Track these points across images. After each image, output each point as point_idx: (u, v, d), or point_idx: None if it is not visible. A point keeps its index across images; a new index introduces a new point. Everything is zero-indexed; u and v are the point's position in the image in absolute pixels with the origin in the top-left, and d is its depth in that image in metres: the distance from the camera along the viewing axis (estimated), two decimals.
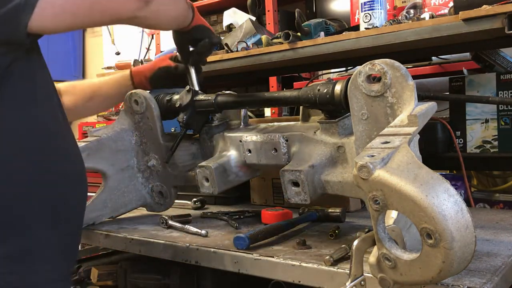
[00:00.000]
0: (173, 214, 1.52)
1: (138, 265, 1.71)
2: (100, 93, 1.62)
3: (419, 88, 1.04)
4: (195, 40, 1.47)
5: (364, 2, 1.54)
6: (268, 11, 3.15)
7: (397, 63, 1.01)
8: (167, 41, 4.40)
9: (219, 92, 1.46)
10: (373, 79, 1.05)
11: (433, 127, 1.58)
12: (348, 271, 0.87)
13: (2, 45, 0.99)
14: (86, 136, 1.55)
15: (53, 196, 1.08)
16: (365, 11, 1.54)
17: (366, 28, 1.52)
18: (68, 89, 1.60)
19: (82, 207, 1.19)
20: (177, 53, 1.57)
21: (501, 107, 1.53)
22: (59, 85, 1.60)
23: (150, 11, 1.14)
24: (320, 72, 2.57)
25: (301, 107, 1.40)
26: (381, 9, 1.53)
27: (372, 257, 0.84)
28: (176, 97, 1.53)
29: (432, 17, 1.40)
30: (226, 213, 1.58)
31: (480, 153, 1.57)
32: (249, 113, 1.70)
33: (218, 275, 1.35)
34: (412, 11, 1.55)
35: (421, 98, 1.46)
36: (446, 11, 1.49)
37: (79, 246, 1.34)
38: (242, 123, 1.49)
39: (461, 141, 1.59)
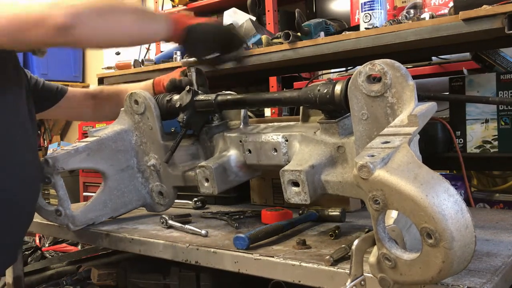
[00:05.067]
0: (173, 214, 1.52)
1: (138, 265, 1.72)
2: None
3: (419, 88, 1.04)
4: (192, 49, 1.42)
5: (364, 2, 1.54)
6: (268, 11, 3.15)
7: (397, 63, 1.01)
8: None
9: (219, 92, 1.46)
10: (373, 79, 1.05)
11: (433, 127, 1.58)
12: (348, 271, 0.87)
13: None
14: (86, 136, 1.56)
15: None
16: (365, 11, 1.54)
17: (366, 28, 1.52)
18: (97, 94, 1.70)
19: (23, 203, 1.26)
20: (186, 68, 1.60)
21: (501, 107, 1.53)
22: (91, 89, 1.71)
23: (75, 35, 1.10)
24: (320, 72, 2.57)
25: (301, 107, 1.40)
26: (381, 9, 1.53)
27: (372, 257, 0.84)
28: (176, 97, 1.52)
29: (432, 17, 1.40)
30: (226, 213, 1.58)
31: (480, 153, 1.57)
32: (249, 113, 1.70)
33: (218, 275, 1.35)
34: (412, 11, 1.55)
35: (421, 98, 1.45)
36: (446, 11, 1.49)
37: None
38: (242, 123, 1.49)
39: (461, 141, 1.59)
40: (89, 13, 1.12)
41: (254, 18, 2.17)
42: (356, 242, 0.85)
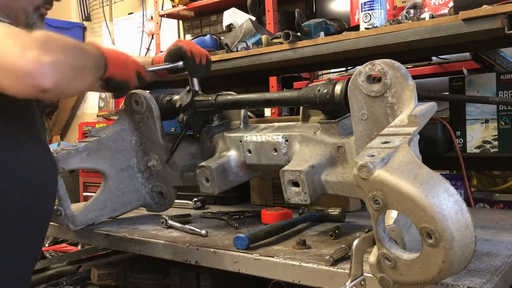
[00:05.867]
0: (173, 214, 1.52)
1: (138, 265, 1.71)
2: None
3: (419, 88, 1.04)
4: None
5: (364, 2, 1.54)
6: (268, 11, 3.15)
7: (397, 63, 1.01)
8: (167, 41, 4.41)
9: (219, 93, 1.46)
10: (373, 79, 1.05)
11: (433, 127, 1.58)
12: (348, 271, 0.87)
13: None
14: (86, 136, 1.56)
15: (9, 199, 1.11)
16: (365, 11, 1.54)
17: (366, 28, 1.52)
18: None
19: (43, 209, 1.22)
20: None
21: (501, 107, 1.53)
22: None
23: (51, 95, 1.03)
24: (320, 72, 2.57)
25: (301, 107, 1.40)
26: (381, 9, 1.53)
27: (372, 257, 0.84)
28: (176, 97, 1.53)
29: (432, 17, 1.40)
30: (226, 213, 1.58)
31: (480, 153, 1.57)
32: (249, 113, 1.70)
33: (218, 275, 1.35)
34: (412, 11, 1.55)
35: (421, 98, 1.46)
36: (446, 11, 1.49)
37: (42, 245, 1.36)
38: (242, 123, 1.49)
39: (461, 141, 1.59)
40: (66, 74, 1.05)
41: (254, 18, 2.17)
42: (356, 242, 0.85)
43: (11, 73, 0.97)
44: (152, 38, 4.60)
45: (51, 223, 1.51)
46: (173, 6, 4.03)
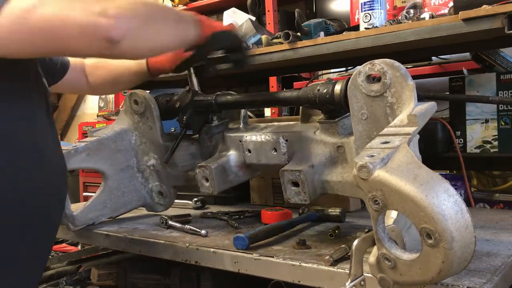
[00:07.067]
0: (173, 214, 1.52)
1: (138, 265, 1.72)
2: (119, 81, 1.59)
3: (419, 88, 1.03)
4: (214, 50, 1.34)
5: (364, 2, 1.54)
6: (268, 11, 3.15)
7: (396, 63, 1.01)
8: None
9: (219, 92, 1.46)
10: (372, 79, 1.05)
11: (433, 127, 1.58)
12: (348, 271, 0.87)
13: None
14: (86, 136, 1.56)
15: (21, 208, 1.08)
16: (365, 11, 1.54)
17: (366, 28, 1.52)
18: (92, 71, 1.60)
19: (53, 218, 1.19)
20: None
21: (501, 107, 1.53)
22: (85, 63, 1.60)
23: (122, 49, 1.01)
24: (320, 72, 2.57)
25: (301, 107, 1.40)
26: (381, 9, 1.53)
27: (372, 257, 0.84)
28: (175, 97, 1.53)
29: (432, 17, 1.39)
30: (226, 213, 1.58)
31: (480, 153, 1.57)
32: (249, 113, 1.70)
33: (218, 275, 1.35)
34: (412, 11, 1.55)
35: (421, 98, 1.45)
36: (446, 11, 1.48)
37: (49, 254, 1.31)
38: (242, 123, 1.49)
39: (461, 141, 1.59)
40: (136, 24, 1.04)
41: (254, 18, 2.16)
42: (356, 242, 0.85)
43: (77, 30, 0.97)
44: None
45: None
46: (173, 6, 4.03)
